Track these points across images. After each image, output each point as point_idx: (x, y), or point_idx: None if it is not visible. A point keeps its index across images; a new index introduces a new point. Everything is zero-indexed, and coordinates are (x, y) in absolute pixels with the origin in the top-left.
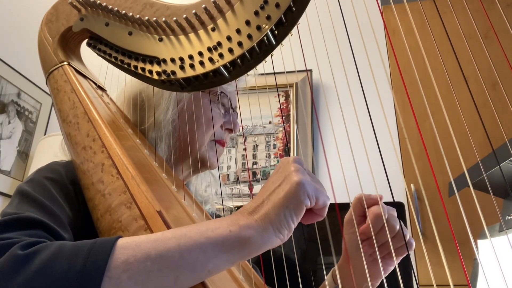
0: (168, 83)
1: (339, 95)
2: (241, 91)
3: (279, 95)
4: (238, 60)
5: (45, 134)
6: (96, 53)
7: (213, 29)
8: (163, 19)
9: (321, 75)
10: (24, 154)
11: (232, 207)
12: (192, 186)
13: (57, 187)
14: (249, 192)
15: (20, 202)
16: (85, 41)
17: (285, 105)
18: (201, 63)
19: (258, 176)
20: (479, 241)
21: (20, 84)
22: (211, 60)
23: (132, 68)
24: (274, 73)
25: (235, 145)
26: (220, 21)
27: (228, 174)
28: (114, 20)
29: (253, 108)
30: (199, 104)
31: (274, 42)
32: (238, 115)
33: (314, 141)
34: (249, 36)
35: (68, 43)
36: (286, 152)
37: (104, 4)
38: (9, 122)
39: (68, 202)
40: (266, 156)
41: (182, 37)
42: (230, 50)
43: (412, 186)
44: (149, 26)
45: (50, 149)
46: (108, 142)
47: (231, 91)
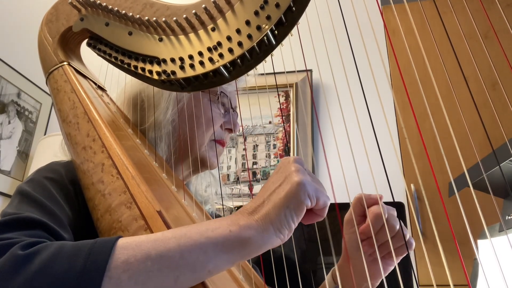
0: (168, 83)
1: (339, 95)
2: (241, 91)
3: (279, 95)
4: (238, 60)
5: (45, 134)
6: (96, 53)
7: (213, 29)
8: (163, 19)
9: (321, 75)
10: (24, 154)
11: (232, 207)
12: (192, 186)
13: (57, 187)
14: (249, 192)
15: (20, 202)
16: (85, 41)
17: (285, 105)
18: (201, 63)
19: (258, 176)
20: (479, 241)
21: (20, 84)
22: (211, 60)
23: (132, 68)
24: (274, 73)
25: (235, 145)
26: (220, 21)
27: (228, 174)
28: (114, 20)
29: (253, 108)
30: (199, 104)
31: (274, 42)
32: (238, 115)
33: (314, 141)
34: (249, 36)
35: (68, 43)
36: (286, 152)
37: (104, 4)
38: (9, 122)
39: (68, 202)
40: (266, 156)
41: (182, 37)
42: (230, 50)
43: (412, 186)
44: (149, 26)
45: (50, 149)
46: (108, 142)
47: (231, 91)
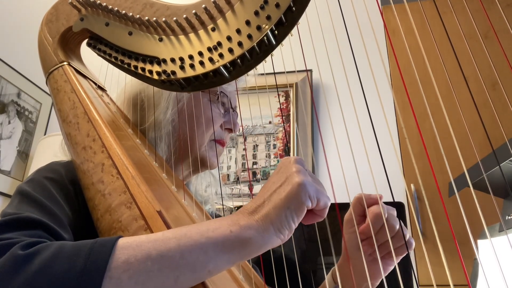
0: (168, 83)
1: (339, 95)
2: (241, 91)
3: (279, 95)
4: (238, 60)
5: (45, 134)
6: (96, 53)
7: (213, 29)
8: (163, 19)
9: (321, 75)
10: (24, 154)
11: (232, 207)
12: (192, 186)
13: (57, 187)
14: (249, 192)
15: (20, 202)
16: (85, 41)
17: (285, 105)
18: (201, 63)
19: (258, 176)
20: (479, 241)
21: (20, 84)
22: (211, 60)
23: (132, 68)
24: (274, 73)
25: (235, 145)
26: (220, 21)
27: (228, 174)
28: (114, 20)
29: (253, 108)
30: (199, 104)
31: (274, 42)
32: (238, 115)
33: (314, 141)
34: (249, 36)
35: (68, 43)
36: (286, 152)
37: (104, 4)
38: (9, 122)
39: (68, 202)
40: (266, 156)
41: (182, 37)
42: (230, 50)
43: (412, 186)
44: (149, 26)
45: (50, 149)
46: (108, 142)
47: (231, 91)
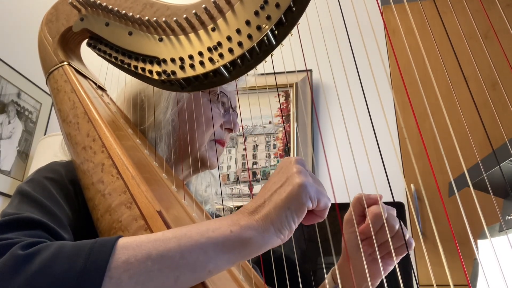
0: (168, 83)
1: (339, 95)
2: (241, 91)
3: (279, 95)
4: (238, 60)
5: (45, 134)
6: (96, 53)
7: (213, 29)
8: (163, 19)
9: (321, 75)
10: (24, 154)
11: (232, 207)
12: (192, 186)
13: (57, 187)
14: (249, 192)
15: (20, 202)
16: (85, 41)
17: (285, 105)
18: (201, 63)
19: (258, 176)
20: (479, 241)
21: (20, 84)
22: (211, 60)
23: (132, 68)
24: (274, 73)
25: (235, 145)
26: (220, 21)
27: (228, 174)
28: (114, 20)
29: (253, 108)
30: (199, 104)
31: (274, 42)
32: (238, 115)
33: (314, 141)
34: (249, 36)
35: (68, 43)
36: (286, 152)
37: (104, 4)
38: (9, 122)
39: (68, 202)
40: (266, 156)
41: (182, 37)
42: (230, 50)
43: (412, 186)
44: (149, 26)
45: (50, 149)
46: (108, 142)
47: (231, 91)
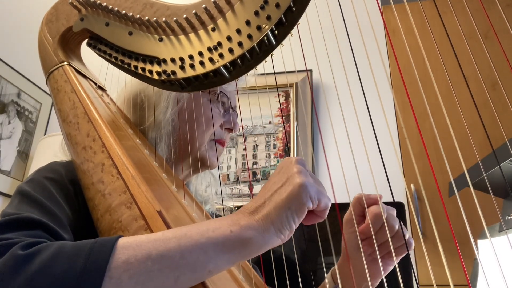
0: (168, 83)
1: (339, 95)
2: (241, 91)
3: (279, 95)
4: (238, 60)
5: (45, 134)
6: (96, 53)
7: (213, 29)
8: (163, 19)
9: (321, 75)
10: (24, 154)
11: (232, 207)
12: (192, 186)
13: (57, 187)
14: (249, 192)
15: (20, 202)
16: (85, 41)
17: (285, 105)
18: (201, 63)
19: (258, 176)
20: (479, 241)
21: (20, 84)
22: (211, 60)
23: (132, 68)
24: (274, 73)
25: (235, 145)
26: (220, 21)
27: (228, 174)
28: (114, 20)
29: (253, 108)
30: (199, 104)
31: (274, 42)
32: (238, 115)
33: (314, 141)
34: (249, 36)
35: (68, 43)
36: (286, 152)
37: (104, 4)
38: (9, 122)
39: (68, 202)
40: (266, 156)
41: (182, 37)
42: (230, 50)
43: (412, 186)
44: (149, 26)
45: (50, 149)
46: (108, 142)
47: (231, 91)
